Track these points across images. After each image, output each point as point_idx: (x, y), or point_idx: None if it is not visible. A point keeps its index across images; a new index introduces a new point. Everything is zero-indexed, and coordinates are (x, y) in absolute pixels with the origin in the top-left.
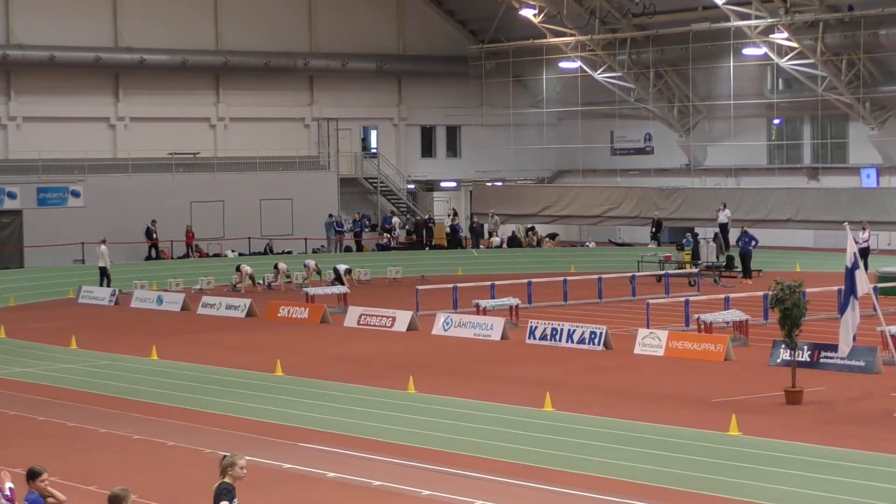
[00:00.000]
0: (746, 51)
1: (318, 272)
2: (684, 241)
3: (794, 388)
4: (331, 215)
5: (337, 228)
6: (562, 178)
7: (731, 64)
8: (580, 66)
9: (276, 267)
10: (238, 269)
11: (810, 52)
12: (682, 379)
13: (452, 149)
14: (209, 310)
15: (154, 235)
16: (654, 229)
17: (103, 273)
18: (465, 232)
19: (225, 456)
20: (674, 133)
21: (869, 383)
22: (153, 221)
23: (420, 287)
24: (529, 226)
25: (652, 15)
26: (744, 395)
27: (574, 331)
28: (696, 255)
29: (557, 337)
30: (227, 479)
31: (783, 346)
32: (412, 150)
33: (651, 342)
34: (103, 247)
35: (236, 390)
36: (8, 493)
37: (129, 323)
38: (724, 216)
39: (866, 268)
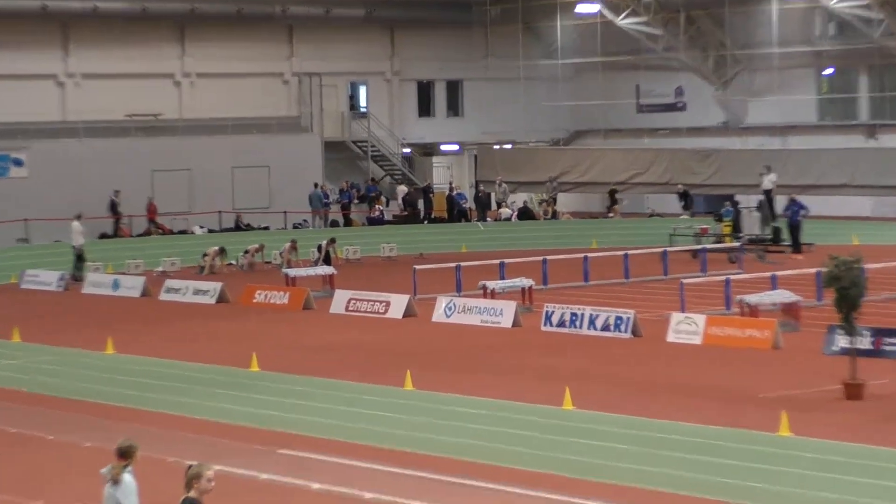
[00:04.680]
0: None
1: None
2: (723, 210)
3: (853, 380)
4: (316, 185)
5: (324, 200)
6: (580, 139)
7: (774, 6)
8: (600, 11)
9: (204, 255)
10: (205, 255)
11: None
12: (723, 371)
13: (453, 107)
14: (174, 295)
15: (118, 209)
16: (682, 201)
17: (78, 254)
18: (469, 202)
19: (190, 466)
20: (709, 86)
21: None
22: (116, 192)
23: (418, 267)
24: (552, 190)
25: None
26: (795, 389)
27: (597, 316)
28: (737, 227)
29: (578, 323)
30: (192, 494)
31: (840, 331)
32: (407, 109)
33: (686, 328)
34: (76, 223)
35: (205, 388)
36: None
37: (81, 311)
38: (768, 181)
39: None
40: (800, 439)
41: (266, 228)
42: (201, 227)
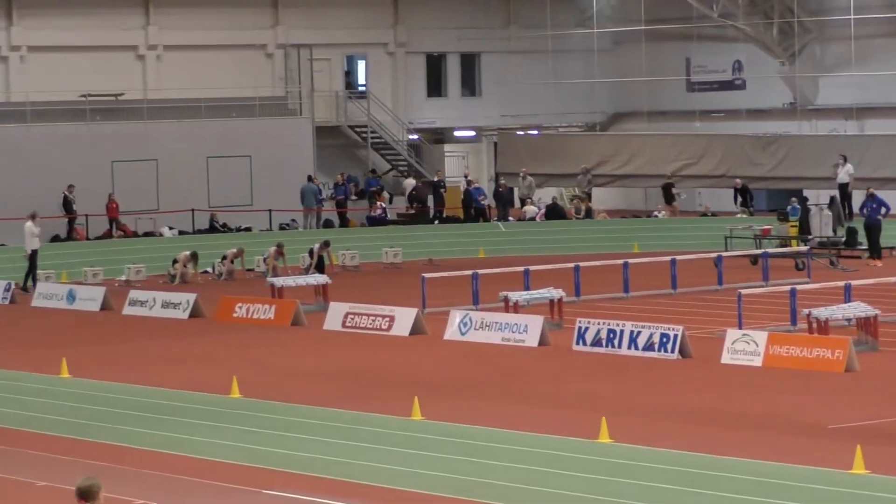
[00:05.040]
0: None
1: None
2: (789, 208)
3: None
4: (310, 178)
5: (318, 196)
6: (620, 123)
7: None
8: None
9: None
10: (175, 261)
11: None
12: (787, 398)
13: (469, 85)
14: (139, 309)
15: (73, 207)
16: (738, 199)
17: (31, 260)
18: (488, 199)
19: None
20: (773, 61)
21: None
22: (70, 187)
23: (427, 275)
24: (587, 184)
25: None
26: (871, 419)
27: (638, 333)
28: (804, 228)
29: (616, 342)
30: None
31: None
32: (415, 88)
33: (744, 348)
34: (30, 223)
35: (177, 418)
36: None
37: (30, 328)
38: (844, 174)
39: None
40: (876, 477)
41: (248, 230)
42: (171, 229)
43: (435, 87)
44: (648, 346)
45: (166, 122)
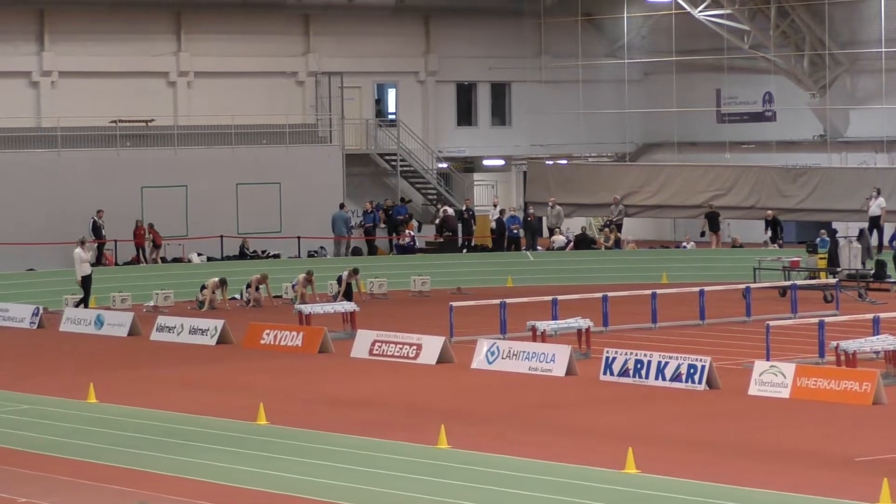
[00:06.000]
0: None
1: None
2: (818, 240)
3: None
4: (342, 205)
5: (349, 225)
6: (650, 154)
7: None
8: (675, 1)
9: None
10: (203, 287)
11: None
12: (815, 430)
13: (499, 114)
14: (167, 335)
15: (102, 232)
16: (769, 231)
17: (84, 286)
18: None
19: None
20: (804, 93)
21: None
22: (99, 212)
23: (455, 304)
24: (619, 214)
25: None
26: None
27: (666, 364)
28: (833, 260)
29: (643, 372)
30: None
31: None
32: (445, 117)
33: (772, 379)
34: (79, 250)
35: (203, 445)
36: None
37: (58, 353)
38: (877, 207)
39: None
40: None
41: (276, 256)
42: (199, 255)
43: (465, 115)
44: (676, 377)
45: (196, 149)
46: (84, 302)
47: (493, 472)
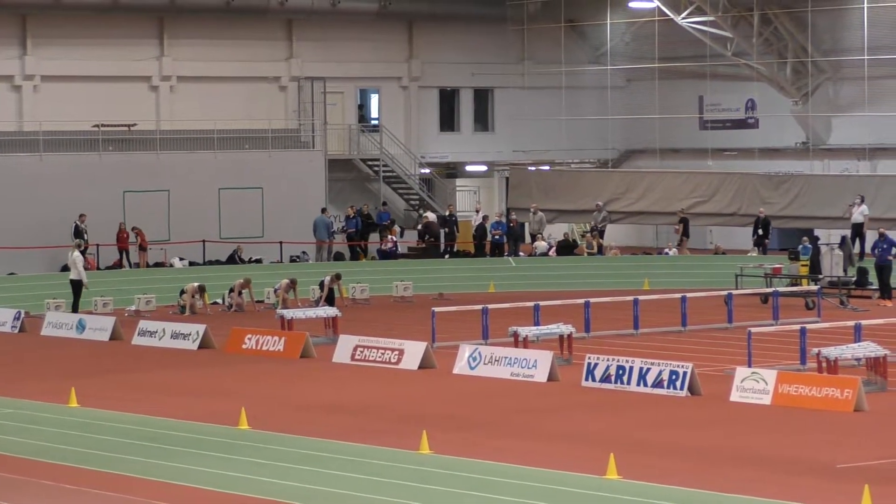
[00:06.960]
0: None
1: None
2: (800, 247)
3: None
4: (324, 210)
5: (331, 230)
6: (632, 160)
7: (866, 5)
8: (658, 8)
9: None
10: (182, 292)
11: None
12: (796, 436)
13: (482, 120)
14: (148, 339)
15: (85, 236)
16: (758, 231)
17: (76, 288)
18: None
19: None
20: (786, 100)
21: None
22: (81, 216)
23: (437, 309)
24: (602, 220)
25: None
26: (880, 459)
27: (648, 370)
28: (815, 267)
29: (625, 378)
30: None
31: None
32: (427, 123)
33: (753, 386)
34: (77, 253)
35: (185, 449)
36: None
37: (39, 357)
38: (859, 214)
39: None
40: None
41: (258, 261)
42: (181, 260)
43: (448, 121)
44: (657, 383)
45: (179, 153)
46: (74, 306)
47: (475, 477)
